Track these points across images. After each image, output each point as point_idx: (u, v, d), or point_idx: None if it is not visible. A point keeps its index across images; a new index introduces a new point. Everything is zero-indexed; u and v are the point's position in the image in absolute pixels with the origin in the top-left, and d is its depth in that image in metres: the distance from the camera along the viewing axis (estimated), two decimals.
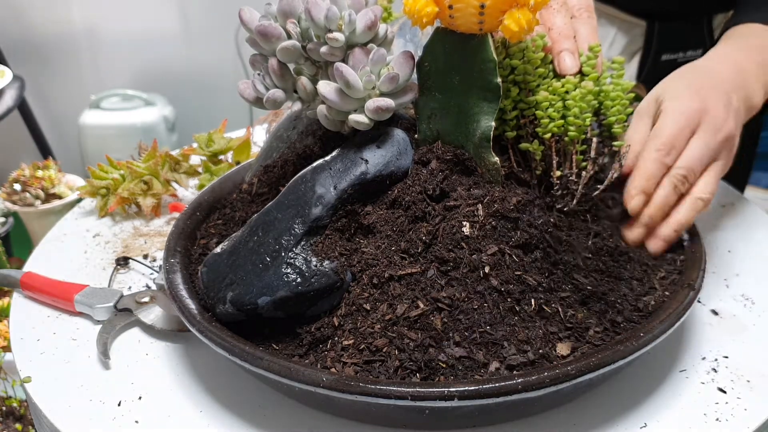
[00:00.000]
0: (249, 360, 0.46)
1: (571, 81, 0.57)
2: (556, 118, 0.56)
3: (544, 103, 0.57)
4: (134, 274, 0.69)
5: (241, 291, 0.50)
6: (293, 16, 0.54)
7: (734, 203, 0.78)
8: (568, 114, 0.56)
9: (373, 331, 0.48)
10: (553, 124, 0.56)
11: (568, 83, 0.57)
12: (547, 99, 0.56)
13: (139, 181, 0.80)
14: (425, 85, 0.57)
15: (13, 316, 0.63)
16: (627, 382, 0.53)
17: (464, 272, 0.49)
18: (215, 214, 0.66)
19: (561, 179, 0.57)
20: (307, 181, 0.54)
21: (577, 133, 0.56)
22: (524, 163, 0.59)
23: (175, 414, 0.52)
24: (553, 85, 0.57)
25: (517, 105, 0.58)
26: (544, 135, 0.57)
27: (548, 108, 0.56)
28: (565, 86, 0.57)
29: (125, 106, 1.96)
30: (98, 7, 1.97)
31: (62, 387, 0.54)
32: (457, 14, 0.51)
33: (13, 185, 1.31)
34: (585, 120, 0.56)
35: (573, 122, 0.56)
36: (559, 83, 0.57)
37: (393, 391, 0.43)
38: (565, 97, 0.57)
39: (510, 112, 0.58)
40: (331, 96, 0.52)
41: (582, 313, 0.50)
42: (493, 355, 0.47)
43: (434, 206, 0.53)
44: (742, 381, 0.53)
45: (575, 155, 0.58)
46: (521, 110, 0.58)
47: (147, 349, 0.59)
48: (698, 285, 0.53)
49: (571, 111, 0.56)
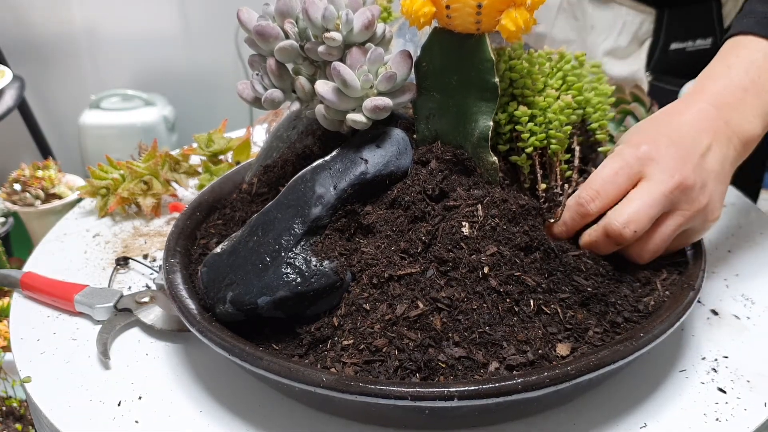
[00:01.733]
0: (249, 360, 0.46)
1: (551, 95, 0.57)
2: (537, 132, 0.56)
3: (524, 118, 0.56)
4: (134, 274, 0.69)
5: (241, 291, 0.50)
6: (291, 16, 0.54)
7: (734, 203, 0.78)
8: (550, 127, 0.56)
9: (373, 331, 0.48)
10: (533, 138, 0.56)
11: (549, 97, 0.56)
12: (526, 113, 0.56)
13: (139, 181, 0.80)
14: (423, 85, 0.57)
15: (13, 316, 0.64)
16: (627, 382, 0.53)
17: (464, 272, 0.49)
18: (215, 214, 0.66)
19: (547, 191, 0.57)
20: (306, 180, 0.54)
21: (559, 146, 0.56)
22: (514, 176, 0.59)
23: (175, 414, 0.52)
24: (534, 99, 0.57)
25: (512, 119, 0.58)
26: (526, 149, 0.57)
27: (528, 122, 0.56)
28: (546, 100, 0.56)
29: (125, 106, 1.96)
30: (98, 7, 1.97)
31: (62, 387, 0.55)
32: (454, 14, 0.51)
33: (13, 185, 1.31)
34: (566, 133, 0.56)
35: (554, 135, 0.56)
36: (541, 97, 0.57)
37: (393, 391, 0.43)
38: (546, 111, 0.56)
39: (504, 126, 0.58)
40: (329, 95, 0.52)
41: (582, 313, 0.50)
42: (493, 355, 0.47)
43: (434, 206, 0.53)
44: (742, 381, 0.53)
45: (559, 166, 0.57)
46: (515, 124, 0.58)
47: (147, 349, 0.59)
48: (698, 285, 0.53)
49: (553, 124, 0.56)
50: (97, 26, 2.00)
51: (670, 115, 0.57)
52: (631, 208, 0.53)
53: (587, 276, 0.53)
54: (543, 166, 0.58)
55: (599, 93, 0.59)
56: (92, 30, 2.01)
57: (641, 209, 0.52)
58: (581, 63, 0.59)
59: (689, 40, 0.93)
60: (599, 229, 0.54)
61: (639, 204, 0.53)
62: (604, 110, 0.58)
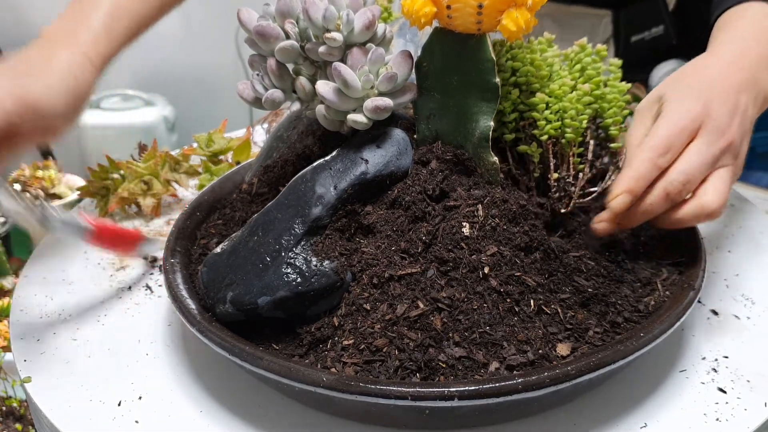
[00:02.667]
0: (249, 360, 0.46)
1: (567, 84, 0.57)
2: (553, 120, 0.56)
3: (541, 105, 0.56)
4: (134, 274, 0.69)
5: (241, 291, 0.50)
6: (291, 16, 0.54)
7: (734, 203, 0.78)
8: (565, 116, 0.56)
9: (373, 331, 0.48)
10: (549, 126, 0.56)
11: (564, 86, 0.57)
12: (544, 101, 0.56)
13: (139, 181, 0.80)
14: (424, 86, 0.57)
15: (13, 316, 0.64)
16: (627, 382, 0.53)
17: (464, 272, 0.49)
18: (215, 214, 0.66)
19: (558, 181, 0.57)
20: (307, 180, 0.54)
21: (574, 135, 0.56)
22: (522, 166, 0.59)
23: (175, 414, 0.52)
24: (550, 87, 0.57)
25: (517, 107, 0.58)
26: (541, 137, 0.57)
27: (545, 110, 0.56)
28: (562, 88, 0.57)
29: (125, 106, 1.96)
30: None
31: (62, 387, 0.55)
32: (455, 14, 0.51)
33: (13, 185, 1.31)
34: (582, 122, 0.56)
35: (570, 124, 0.56)
36: (556, 85, 0.57)
37: (393, 391, 0.43)
38: (562, 99, 0.57)
39: (509, 114, 0.58)
40: (330, 96, 0.52)
41: (582, 314, 0.50)
42: (493, 355, 0.47)
43: (434, 206, 0.53)
44: (742, 381, 0.53)
45: (572, 157, 0.57)
46: (521, 112, 0.58)
47: (147, 349, 0.59)
48: (698, 285, 0.53)
49: (568, 113, 0.56)
50: None
51: (712, 71, 0.59)
52: (691, 166, 0.54)
53: (588, 276, 0.53)
54: (555, 156, 0.58)
55: (614, 89, 0.58)
56: None
57: (701, 167, 0.54)
58: (602, 57, 0.59)
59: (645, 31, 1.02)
60: (659, 189, 0.55)
61: (697, 162, 0.54)
62: (620, 106, 0.58)
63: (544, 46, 0.58)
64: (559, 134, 0.56)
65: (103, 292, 0.66)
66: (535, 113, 0.57)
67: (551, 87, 0.57)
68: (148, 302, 0.65)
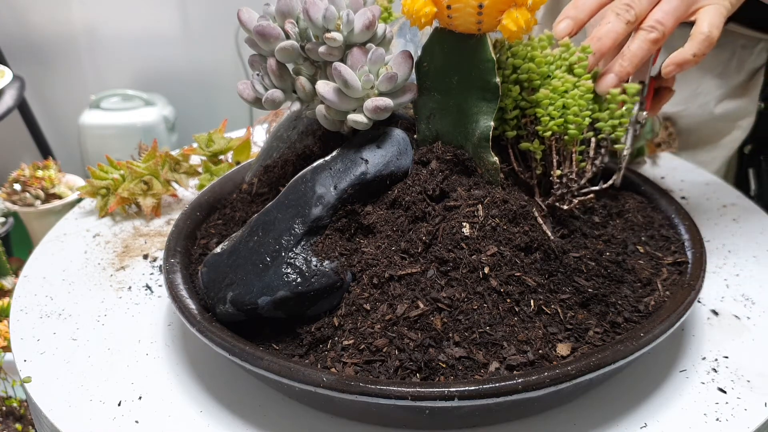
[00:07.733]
0: (249, 360, 0.46)
1: (569, 80, 0.57)
2: (556, 116, 0.56)
3: (545, 101, 0.56)
4: (135, 274, 0.69)
5: (241, 291, 0.50)
6: (291, 16, 0.54)
7: (734, 203, 0.78)
8: (568, 113, 0.56)
9: (373, 331, 0.48)
10: (553, 123, 0.56)
11: (567, 82, 0.57)
12: (548, 97, 0.56)
13: (139, 181, 0.80)
14: (424, 86, 0.57)
15: (13, 316, 0.64)
16: (627, 382, 0.53)
17: (464, 273, 0.49)
18: (215, 214, 0.66)
19: (561, 178, 0.57)
20: (307, 181, 0.54)
21: (577, 131, 0.56)
22: (523, 163, 0.59)
23: (175, 414, 0.52)
24: (553, 84, 0.57)
25: (518, 104, 0.58)
26: (544, 134, 0.57)
27: (549, 106, 0.56)
28: (564, 85, 0.57)
29: (125, 106, 1.96)
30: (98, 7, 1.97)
31: (62, 387, 0.55)
32: (455, 14, 0.51)
33: (13, 185, 1.31)
34: (584, 119, 0.56)
35: (572, 120, 0.56)
36: (559, 82, 0.57)
37: (393, 391, 0.43)
38: (564, 95, 0.57)
39: (510, 112, 0.58)
40: (330, 96, 0.52)
41: (582, 314, 0.50)
42: (493, 355, 0.47)
43: (434, 206, 0.53)
44: (742, 381, 0.53)
45: (575, 154, 0.57)
46: (522, 109, 0.58)
47: (147, 349, 0.59)
48: (698, 285, 0.53)
49: (571, 110, 0.56)
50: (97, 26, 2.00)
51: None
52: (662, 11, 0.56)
53: (588, 277, 0.53)
54: (557, 153, 0.58)
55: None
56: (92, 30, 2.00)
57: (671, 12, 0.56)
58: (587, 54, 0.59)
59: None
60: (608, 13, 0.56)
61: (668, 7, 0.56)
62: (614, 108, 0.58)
63: (545, 43, 0.58)
64: (562, 131, 0.56)
65: (103, 292, 0.66)
66: (539, 109, 0.57)
67: (553, 84, 0.57)
68: (148, 302, 0.65)
